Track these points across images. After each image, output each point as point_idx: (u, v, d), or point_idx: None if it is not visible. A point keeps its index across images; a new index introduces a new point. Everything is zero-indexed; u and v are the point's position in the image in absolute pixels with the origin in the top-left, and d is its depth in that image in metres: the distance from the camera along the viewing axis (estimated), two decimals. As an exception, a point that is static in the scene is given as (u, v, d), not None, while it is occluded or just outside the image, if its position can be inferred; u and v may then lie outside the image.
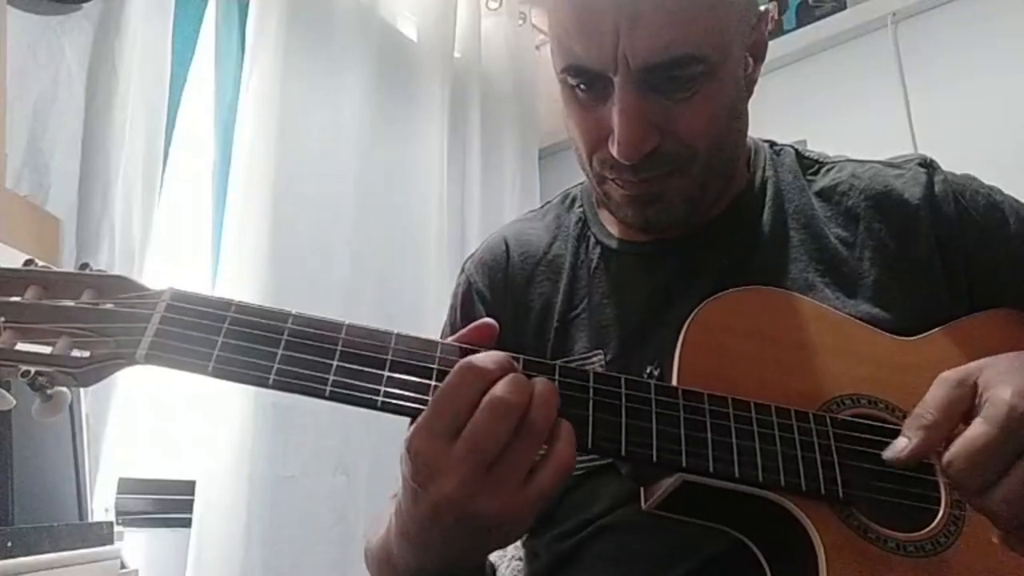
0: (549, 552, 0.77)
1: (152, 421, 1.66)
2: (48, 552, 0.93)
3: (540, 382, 0.54)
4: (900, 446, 0.58)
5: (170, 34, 1.60)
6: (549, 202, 0.93)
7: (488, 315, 0.83)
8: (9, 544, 0.88)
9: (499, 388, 0.52)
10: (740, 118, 0.77)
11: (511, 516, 0.53)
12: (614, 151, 0.69)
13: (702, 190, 0.75)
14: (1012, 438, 0.54)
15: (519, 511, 0.53)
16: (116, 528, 1.09)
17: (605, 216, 0.85)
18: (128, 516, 1.45)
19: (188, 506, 1.54)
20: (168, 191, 1.64)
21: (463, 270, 0.91)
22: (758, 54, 0.76)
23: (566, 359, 0.77)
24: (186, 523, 1.53)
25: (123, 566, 1.10)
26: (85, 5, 1.48)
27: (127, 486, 1.48)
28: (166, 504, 1.61)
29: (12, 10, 1.37)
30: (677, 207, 0.74)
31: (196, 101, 1.78)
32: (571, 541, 0.74)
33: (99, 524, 1.06)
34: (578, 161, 0.78)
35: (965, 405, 0.57)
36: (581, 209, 0.87)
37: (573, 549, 0.74)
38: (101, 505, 1.30)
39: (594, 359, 0.76)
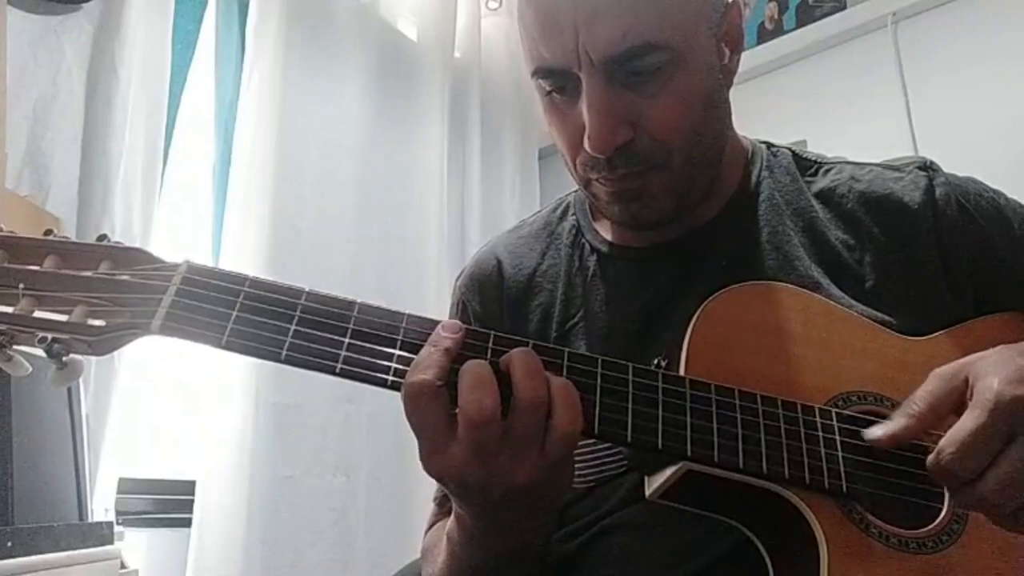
0: (554, 553, 0.76)
1: (152, 421, 1.66)
2: (48, 552, 0.93)
3: (515, 355, 0.56)
4: (880, 426, 0.60)
5: (170, 34, 1.60)
6: (539, 211, 0.92)
7: None
8: (9, 544, 0.88)
9: (463, 384, 0.55)
10: (718, 107, 0.76)
11: (540, 481, 0.56)
12: (587, 146, 0.70)
13: (688, 183, 0.74)
14: (1000, 423, 0.54)
15: (543, 476, 0.56)
16: (116, 528, 1.09)
17: (599, 223, 0.85)
18: (128, 516, 1.45)
19: (188, 506, 1.54)
20: (168, 191, 1.64)
21: (455, 290, 0.91)
22: (734, 43, 0.76)
23: None
24: (186, 523, 1.53)
25: (123, 566, 1.09)
26: (85, 5, 1.48)
27: (127, 486, 1.48)
28: (166, 504, 1.61)
29: (12, 10, 1.37)
30: (662, 202, 0.74)
31: (196, 101, 1.78)
32: (575, 542, 0.74)
33: (99, 524, 1.06)
34: (567, 168, 0.78)
35: (954, 399, 0.58)
36: (575, 217, 0.87)
37: (578, 550, 0.74)
38: (101, 505, 1.30)
39: None
